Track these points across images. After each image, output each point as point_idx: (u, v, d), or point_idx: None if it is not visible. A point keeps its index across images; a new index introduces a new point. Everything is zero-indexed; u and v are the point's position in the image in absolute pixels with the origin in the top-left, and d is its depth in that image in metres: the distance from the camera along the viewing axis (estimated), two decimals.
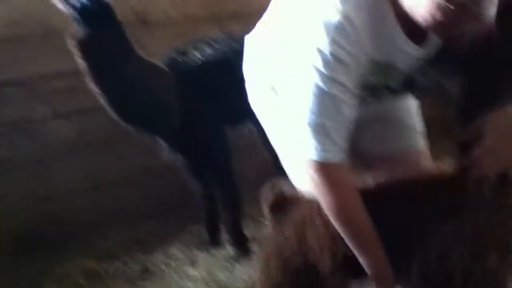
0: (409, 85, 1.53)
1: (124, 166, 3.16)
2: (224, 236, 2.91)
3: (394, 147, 1.71)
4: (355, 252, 1.32)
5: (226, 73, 2.72)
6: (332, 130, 1.29)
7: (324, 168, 1.30)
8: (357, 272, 1.33)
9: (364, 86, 1.43)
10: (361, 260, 1.32)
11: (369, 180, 1.38)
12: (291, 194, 1.47)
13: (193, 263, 2.77)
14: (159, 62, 2.71)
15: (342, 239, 1.32)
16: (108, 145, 3.14)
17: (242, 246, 2.81)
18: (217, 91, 2.72)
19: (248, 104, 1.84)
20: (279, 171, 1.88)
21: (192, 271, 2.67)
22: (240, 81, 1.87)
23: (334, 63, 1.24)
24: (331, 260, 1.33)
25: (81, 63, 2.36)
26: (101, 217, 3.05)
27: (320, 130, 1.29)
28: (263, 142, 3.03)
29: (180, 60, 2.75)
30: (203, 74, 2.72)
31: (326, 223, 1.33)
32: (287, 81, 1.45)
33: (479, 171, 1.15)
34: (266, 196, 1.47)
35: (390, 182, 1.34)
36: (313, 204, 1.39)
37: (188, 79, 2.69)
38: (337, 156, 1.31)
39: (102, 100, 2.47)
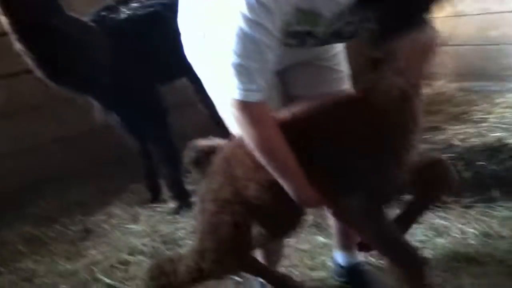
0: (336, 34, 1.60)
1: (56, 128, 3.08)
2: (166, 192, 2.94)
3: (321, 91, 1.80)
4: (278, 179, 1.43)
5: (155, 27, 2.69)
6: (254, 71, 1.36)
7: (246, 107, 1.38)
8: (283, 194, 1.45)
9: (289, 33, 1.49)
10: (284, 185, 1.43)
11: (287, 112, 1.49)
12: (210, 145, 1.58)
13: (135, 219, 2.78)
14: (87, 19, 2.63)
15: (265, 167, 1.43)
16: (39, 108, 3.05)
17: (183, 200, 2.85)
18: (146, 45, 2.68)
19: (182, 59, 1.85)
20: (217, 126, 1.92)
21: (134, 227, 2.68)
22: (171, 35, 1.85)
23: (258, 7, 1.29)
24: (257, 185, 1.45)
25: (6, 23, 2.24)
26: (36, 181, 2.98)
27: (243, 70, 1.35)
28: (200, 98, 3.06)
29: (108, 15, 2.67)
30: (130, 29, 2.67)
31: (249, 155, 1.44)
32: (214, 26, 1.48)
33: (386, 87, 1.27)
34: (187, 155, 1.58)
35: (306, 110, 1.46)
36: (234, 144, 1.52)
37: (116, 35, 2.62)
38: (258, 95, 1.39)
39: (30, 62, 2.37)
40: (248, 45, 1.33)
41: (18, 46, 2.31)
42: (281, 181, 1.43)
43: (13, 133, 3.03)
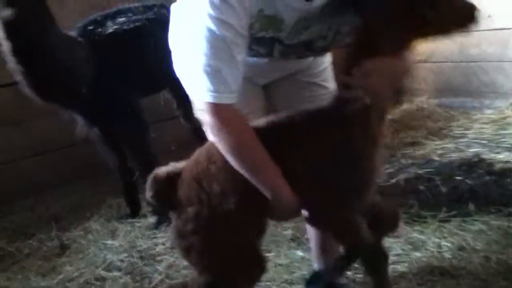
0: (306, 45, 1.62)
1: (34, 142, 3.05)
2: (145, 207, 2.91)
3: (307, 107, 1.81)
4: (254, 182, 1.39)
5: (140, 41, 2.71)
6: (223, 72, 1.35)
7: (217, 110, 1.36)
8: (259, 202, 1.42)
9: (256, 39, 1.50)
10: (261, 188, 1.40)
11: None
12: (171, 172, 1.49)
13: (113, 235, 2.75)
14: (74, 33, 2.64)
15: (238, 176, 1.39)
16: (14, 122, 3.02)
17: (163, 215, 2.82)
18: (130, 59, 2.69)
19: (165, 73, 1.85)
20: (199, 140, 1.91)
21: (112, 243, 2.64)
22: (156, 49, 1.86)
23: (221, 5, 1.31)
24: (232, 196, 1.41)
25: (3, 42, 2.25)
26: (10, 195, 2.94)
27: (212, 71, 1.34)
28: (182, 113, 3.07)
29: (93, 29, 2.68)
30: (115, 43, 2.68)
31: (221, 168, 1.41)
32: (184, 31, 1.48)
33: (355, 103, 1.34)
34: (149, 189, 1.48)
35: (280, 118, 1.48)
36: (199, 161, 1.47)
37: (101, 48, 2.63)
38: (229, 98, 1.37)
39: (21, 78, 2.36)
40: (215, 43, 1.33)
41: (11, 62, 2.31)
42: (258, 185, 1.40)
43: None
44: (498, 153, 3.05)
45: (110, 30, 2.69)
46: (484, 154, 3.01)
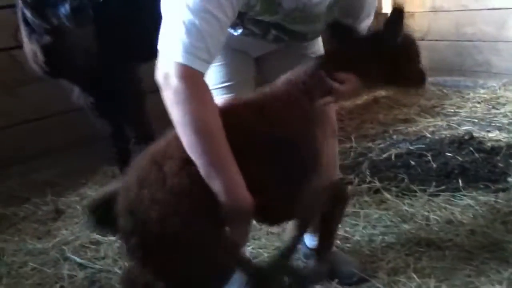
0: (301, 37, 1.64)
1: (28, 108, 3.04)
2: None
3: None
4: (206, 173, 1.22)
5: (136, 5, 2.68)
6: (207, 36, 1.25)
7: (189, 74, 1.23)
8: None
9: (252, 20, 1.51)
10: (213, 182, 1.22)
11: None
12: (109, 193, 1.31)
13: None
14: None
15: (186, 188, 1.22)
16: (9, 88, 3.00)
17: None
18: (126, 24, 2.66)
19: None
20: None
21: None
22: (152, 13, 1.83)
23: None
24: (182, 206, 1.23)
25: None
26: (6, 161, 2.94)
27: (194, 31, 1.23)
28: None
29: None
30: (111, 9, 2.64)
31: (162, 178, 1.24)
32: None
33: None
34: (88, 220, 1.33)
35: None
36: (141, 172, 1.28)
37: (97, 15, 2.60)
38: (204, 66, 1.27)
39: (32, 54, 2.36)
40: (204, 3, 1.25)
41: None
42: (209, 175, 1.22)
43: None
44: (489, 131, 3.11)
45: None
46: (475, 132, 3.07)
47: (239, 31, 1.61)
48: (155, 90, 1.34)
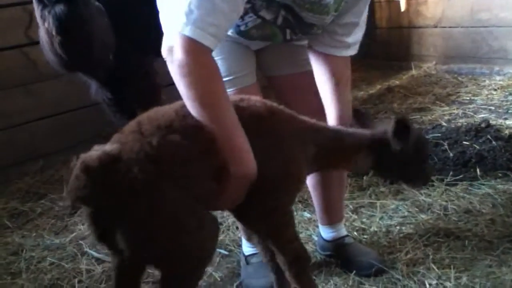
0: (307, 26, 1.61)
1: (45, 105, 3.08)
2: None
3: (295, 71, 1.82)
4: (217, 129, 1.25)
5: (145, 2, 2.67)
6: (219, 12, 1.24)
7: (197, 48, 1.23)
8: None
9: (267, 3, 1.50)
10: (226, 146, 1.26)
11: None
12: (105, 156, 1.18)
13: None
14: None
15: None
16: (28, 85, 3.03)
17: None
18: (138, 20, 2.66)
19: None
20: None
21: None
22: None
23: None
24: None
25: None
26: (24, 157, 2.98)
27: (208, 4, 1.23)
28: None
29: None
30: (122, 4, 2.64)
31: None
32: None
33: None
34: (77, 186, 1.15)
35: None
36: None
37: (114, 9, 2.59)
38: (213, 42, 1.26)
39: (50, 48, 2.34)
40: None
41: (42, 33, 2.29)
42: (222, 137, 1.25)
43: (1, 109, 3.01)
44: (506, 119, 3.06)
45: None
46: (492, 120, 3.02)
47: (249, 20, 1.59)
48: (171, 83, 1.34)
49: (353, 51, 1.72)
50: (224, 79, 1.65)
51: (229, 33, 1.52)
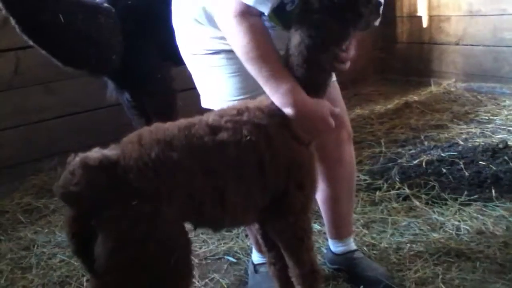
0: None
1: (63, 103, 3.12)
2: None
3: None
4: (268, 90, 1.42)
5: (169, 10, 2.70)
6: None
7: (248, 12, 1.41)
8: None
9: None
10: (275, 95, 1.41)
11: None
12: (106, 158, 1.20)
13: None
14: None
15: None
16: (47, 83, 3.09)
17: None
18: (160, 27, 2.69)
19: None
20: None
21: None
22: None
23: None
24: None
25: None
26: (41, 154, 3.03)
27: None
28: None
29: None
30: (145, 10, 2.68)
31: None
32: None
33: None
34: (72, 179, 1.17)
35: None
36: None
37: (130, 15, 2.63)
38: (265, 8, 1.42)
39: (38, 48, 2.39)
40: None
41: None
42: (270, 90, 1.42)
43: (20, 106, 3.07)
44: None
45: None
46: (510, 141, 2.97)
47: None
48: (186, 88, 1.36)
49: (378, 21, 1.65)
50: (241, 97, 1.66)
51: None
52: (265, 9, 1.44)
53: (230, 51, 1.54)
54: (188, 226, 1.35)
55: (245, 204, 1.37)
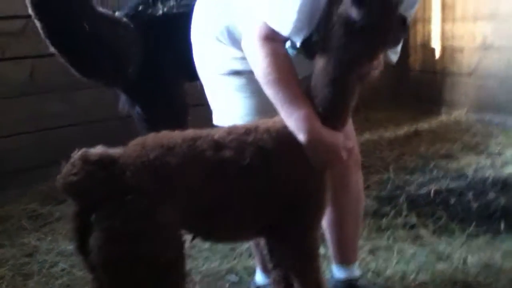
0: None
1: (76, 111, 3.15)
2: None
3: None
4: (284, 114, 1.41)
5: (188, 26, 2.74)
6: (304, 23, 1.41)
7: (273, 37, 1.42)
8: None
9: None
10: (290, 120, 1.41)
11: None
12: (105, 156, 1.27)
13: None
14: (122, 13, 2.68)
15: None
16: (61, 90, 3.12)
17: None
18: (177, 43, 2.72)
19: None
20: None
21: None
22: None
23: None
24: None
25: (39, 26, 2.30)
26: (48, 161, 3.04)
27: (302, 20, 1.40)
28: None
29: (144, 10, 2.72)
30: (164, 26, 2.72)
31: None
32: None
33: None
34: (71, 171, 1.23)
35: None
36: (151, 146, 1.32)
37: (149, 30, 2.67)
38: (300, 38, 1.43)
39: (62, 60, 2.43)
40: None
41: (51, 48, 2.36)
42: (286, 114, 1.41)
43: (35, 112, 3.10)
44: None
45: (160, 12, 2.72)
46: None
47: None
48: (198, 104, 1.38)
49: (396, 57, 1.71)
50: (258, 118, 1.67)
51: None
52: (298, 40, 1.45)
53: (250, 72, 1.54)
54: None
55: (235, 223, 1.40)
